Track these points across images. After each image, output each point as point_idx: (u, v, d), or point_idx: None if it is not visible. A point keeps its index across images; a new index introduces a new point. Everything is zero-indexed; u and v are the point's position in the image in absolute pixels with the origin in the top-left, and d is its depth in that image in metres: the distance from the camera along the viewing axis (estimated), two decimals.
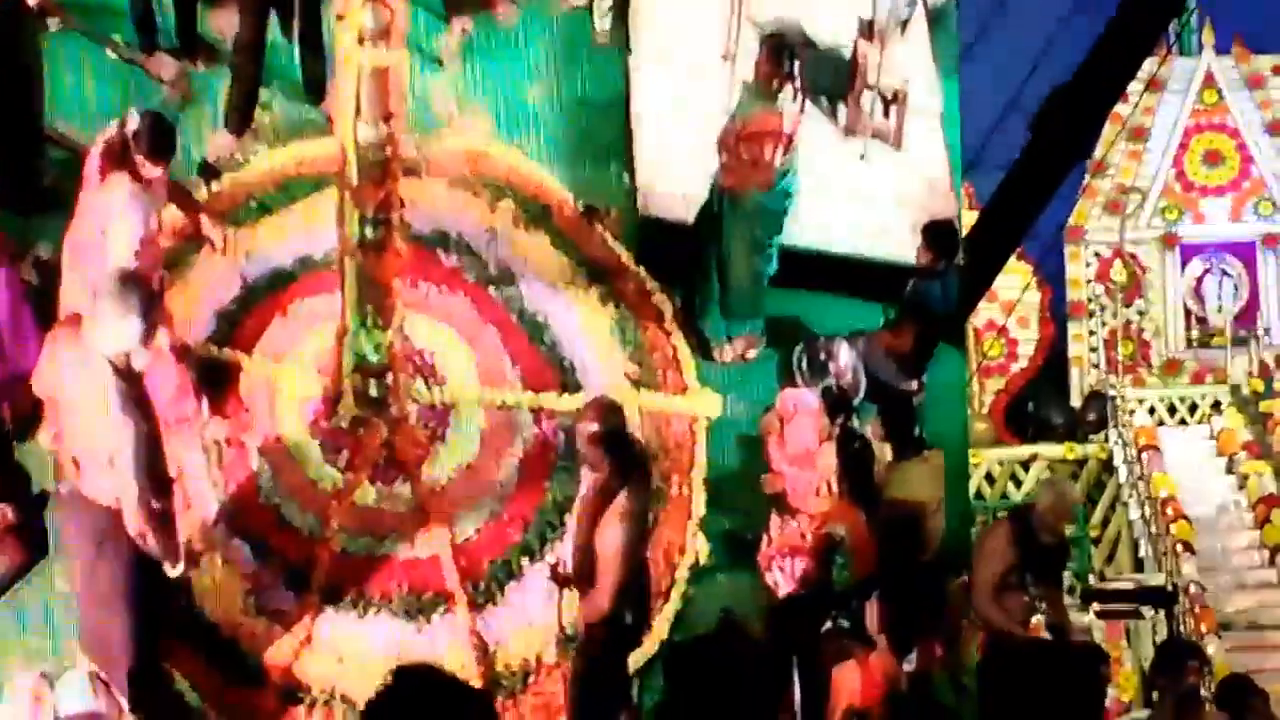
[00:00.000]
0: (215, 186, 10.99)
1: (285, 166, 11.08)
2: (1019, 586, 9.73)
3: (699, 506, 11.00)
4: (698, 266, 11.19)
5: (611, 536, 8.67)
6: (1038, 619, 9.91)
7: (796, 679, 9.51)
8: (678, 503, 10.97)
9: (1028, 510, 10.06)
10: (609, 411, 8.83)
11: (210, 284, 10.67)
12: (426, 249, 10.96)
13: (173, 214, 9.92)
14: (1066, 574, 11.58)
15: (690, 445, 11.14)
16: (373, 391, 10.34)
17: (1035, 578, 9.85)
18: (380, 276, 9.72)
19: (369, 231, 9.49)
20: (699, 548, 10.92)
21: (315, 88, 11.00)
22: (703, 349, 11.39)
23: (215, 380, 10.18)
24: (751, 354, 11.63)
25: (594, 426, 8.76)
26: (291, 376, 10.58)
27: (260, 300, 10.73)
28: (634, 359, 11.23)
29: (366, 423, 10.45)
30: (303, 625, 9.97)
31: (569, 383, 11.02)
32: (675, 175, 11.60)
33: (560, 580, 9.11)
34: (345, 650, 9.87)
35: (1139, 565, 12.97)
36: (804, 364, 11.30)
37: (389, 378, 10.28)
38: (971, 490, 11.72)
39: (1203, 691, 8.73)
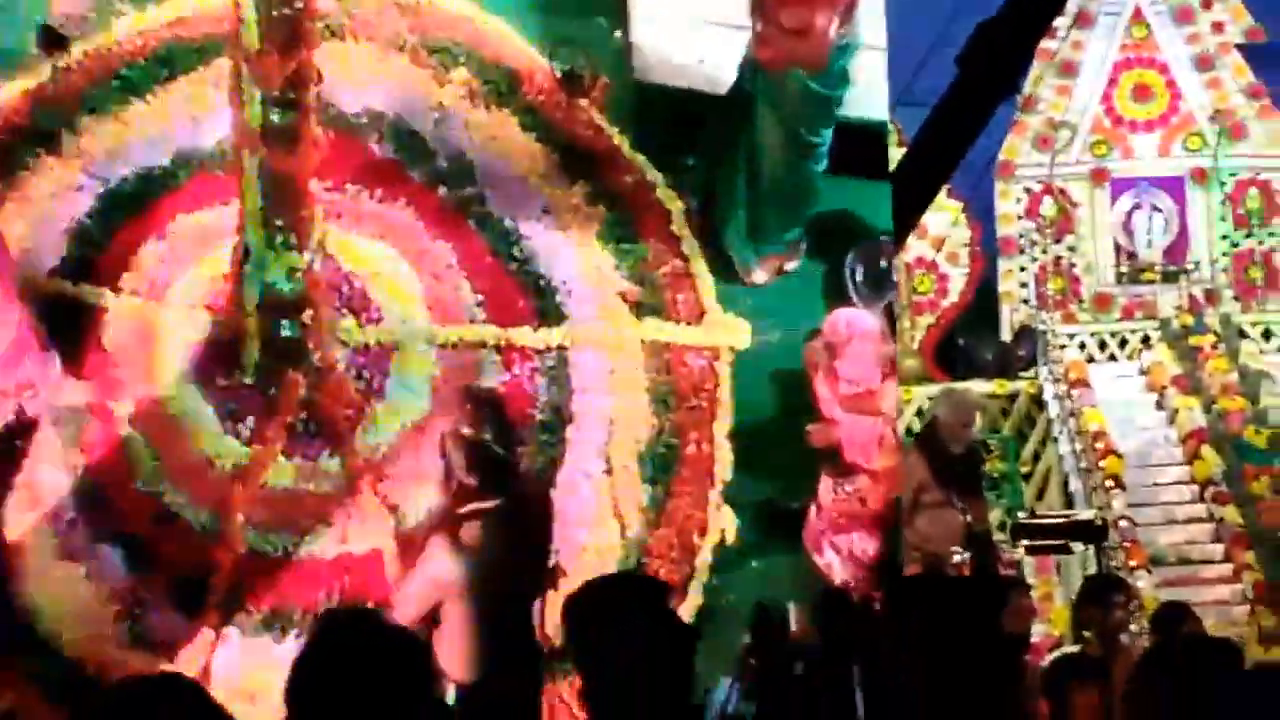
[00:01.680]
0: (62, 60, 9.49)
1: (158, 30, 9.62)
2: (943, 502, 10.01)
3: (724, 469, 9.53)
4: (719, 163, 9.72)
5: (435, 569, 8.12)
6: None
7: (860, 696, 7.93)
8: (695, 465, 9.52)
9: (931, 425, 10.45)
10: (487, 408, 8.21)
11: (56, 194, 9.35)
12: (353, 138, 9.56)
13: None
14: (997, 511, 12.28)
15: (710, 388, 9.62)
16: (284, 333, 9.05)
17: (954, 489, 10.14)
18: (291, 177, 8.65)
19: (274, 116, 8.50)
20: (725, 523, 9.53)
21: None
22: (724, 267, 9.82)
23: (68, 327, 9.05)
24: (790, 266, 10.07)
25: (464, 429, 8.17)
26: (173, 318, 9.27)
27: (127, 215, 9.37)
28: (633, 277, 9.67)
29: (277, 376, 9.14)
30: (196, 655, 8.85)
31: (548, 312, 9.61)
32: (686, 30, 10.00)
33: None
34: (257, 685, 8.66)
35: (1069, 501, 13.31)
36: (859, 274, 9.93)
37: (306, 314, 8.99)
38: (902, 426, 11.69)
39: (1132, 626, 8.94)
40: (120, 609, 8.88)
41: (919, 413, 13.03)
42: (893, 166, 9.97)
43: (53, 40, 9.60)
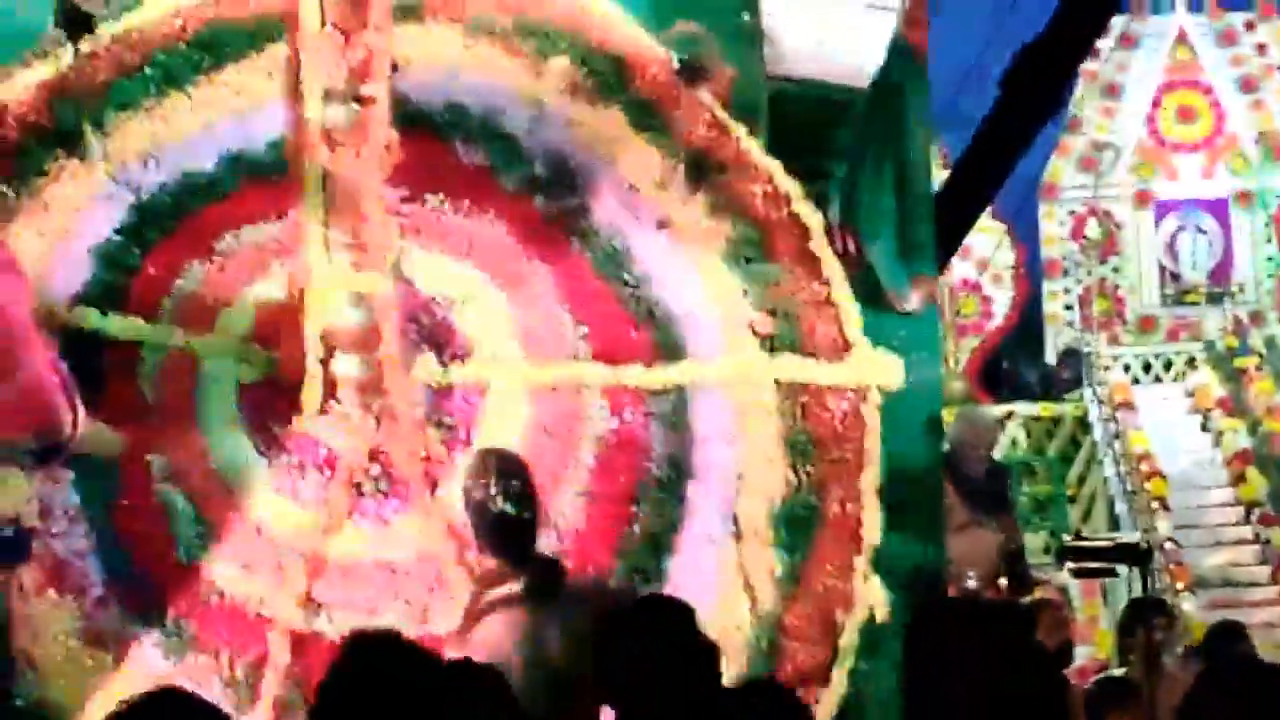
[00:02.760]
0: (86, 45, 8.62)
1: (201, 8, 8.77)
2: (970, 524, 10.19)
3: (872, 531, 8.70)
4: (863, 165, 9.09)
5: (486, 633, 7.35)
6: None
7: None
8: (838, 526, 8.68)
9: (951, 449, 10.44)
10: (508, 477, 7.63)
11: (80, 206, 8.54)
12: (433, 139, 8.75)
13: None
14: (1042, 534, 12.88)
15: (856, 436, 8.77)
16: (353, 371, 8.34)
17: (979, 510, 10.36)
18: (360, 186, 8.21)
19: (340, 112, 8.17)
20: (874, 596, 8.71)
21: None
22: (871, 292, 9.11)
23: (93, 365, 8.15)
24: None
25: (479, 489, 7.61)
26: (220, 354, 8.46)
27: (164, 231, 8.54)
28: (764, 304, 8.83)
29: (343, 423, 8.38)
30: None
31: (664, 346, 8.78)
32: (828, 9, 9.33)
33: None
34: None
35: (1115, 523, 13.85)
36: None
37: (378, 350, 8.34)
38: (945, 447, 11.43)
39: (1176, 649, 9.42)
40: None
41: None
42: (936, 189, 9.55)
43: (74, 20, 8.72)
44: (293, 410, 8.30)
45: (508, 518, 7.53)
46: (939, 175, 9.96)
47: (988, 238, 14.94)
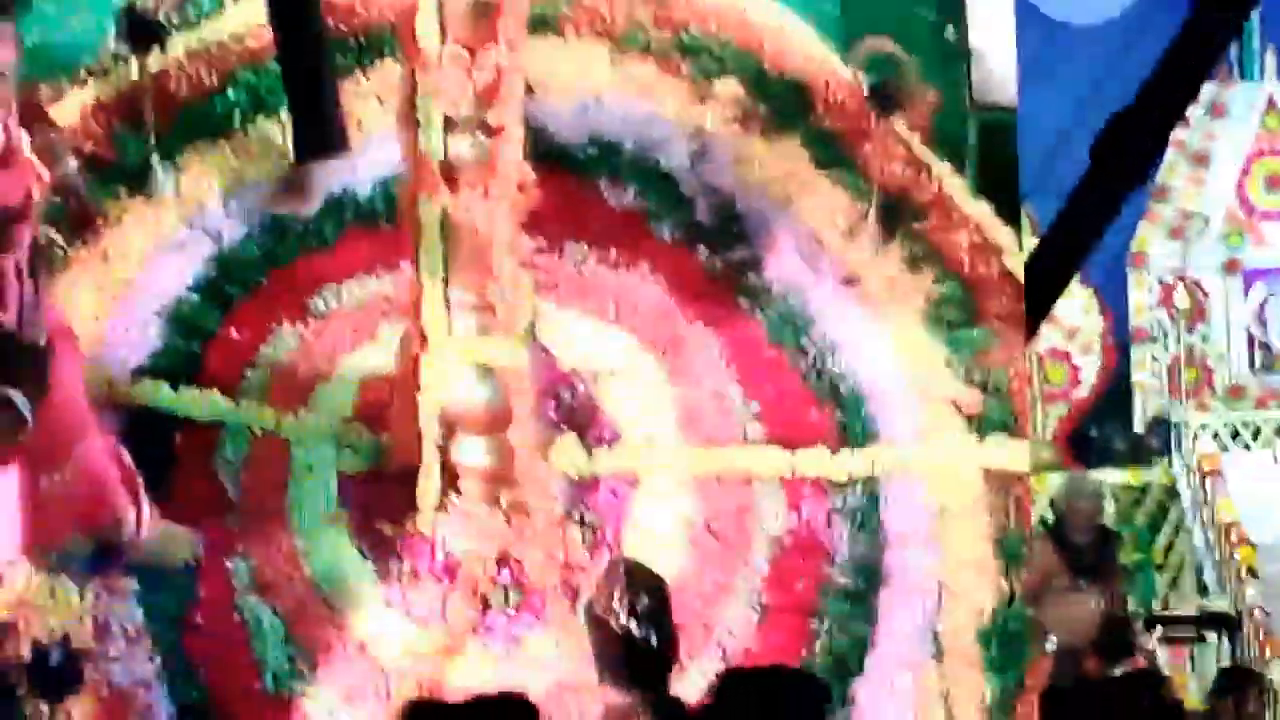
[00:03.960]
0: (154, 61, 8.00)
1: None
2: (1071, 589, 9.83)
3: None
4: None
5: None
6: None
7: None
8: None
9: (1057, 514, 11.21)
10: (643, 580, 6.24)
11: (146, 258, 7.89)
12: (576, 178, 8.23)
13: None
14: (1131, 602, 12.56)
15: None
16: (477, 459, 7.46)
17: (1083, 575, 10.23)
18: (488, 233, 7.26)
19: (463, 145, 7.17)
20: None
21: None
22: None
23: (161, 449, 7.49)
24: None
25: (603, 601, 6.16)
26: (316, 438, 7.75)
27: (248, 288, 7.96)
28: (971, 377, 8.24)
29: (466, 521, 7.52)
30: None
31: (852, 427, 8.10)
32: None
33: None
34: None
35: (1203, 591, 13.93)
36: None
37: (509, 431, 7.48)
38: (1036, 515, 11.68)
39: (1267, 717, 9.66)
40: None
41: (1052, 503, 12.59)
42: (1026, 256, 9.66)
43: (141, 30, 8.03)
44: (405, 506, 7.51)
45: (634, 641, 6.28)
46: (1029, 242, 10.13)
47: (1077, 305, 15.02)
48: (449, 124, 7.14)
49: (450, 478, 7.51)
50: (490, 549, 7.52)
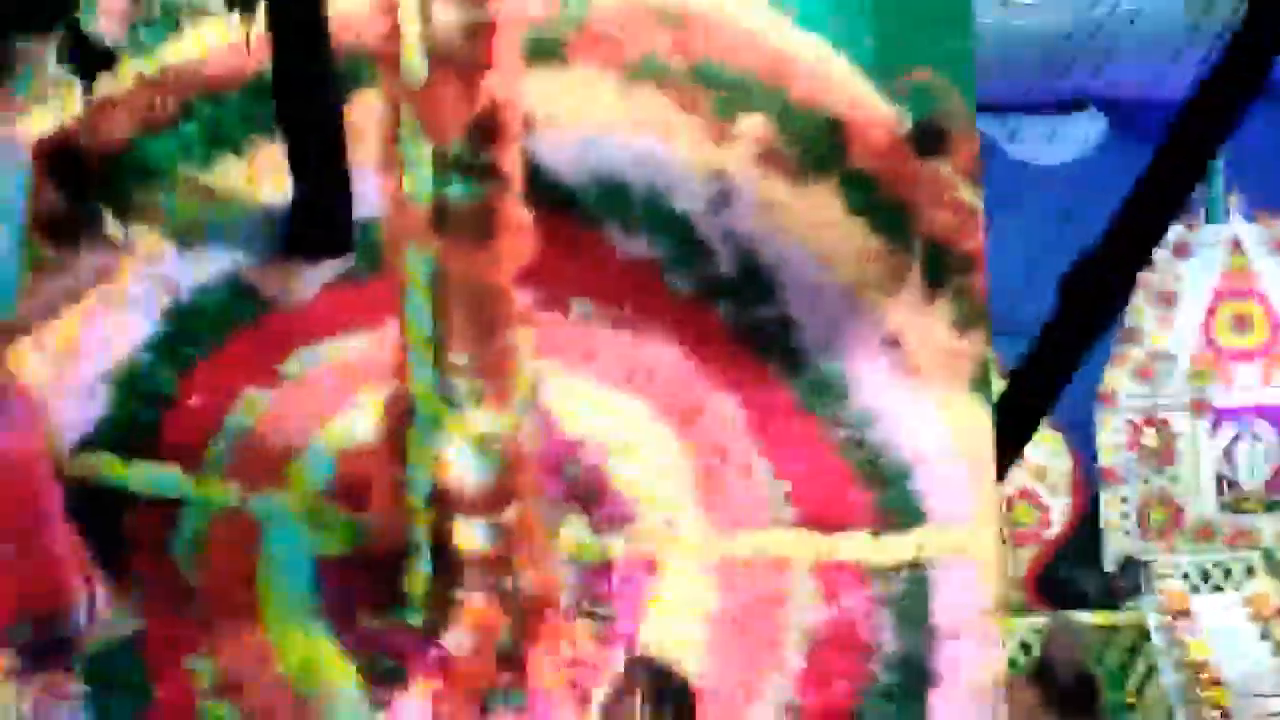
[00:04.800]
0: (103, 88, 7.17)
1: (262, 41, 7.05)
2: None
3: None
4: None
5: None
6: None
7: None
8: None
9: (1042, 655, 11.73)
10: (667, 686, 6.15)
11: (94, 313, 7.05)
12: (580, 224, 7.41)
13: None
14: None
15: None
16: (474, 543, 6.81)
17: (1066, 718, 10.89)
18: (483, 287, 6.80)
19: (455, 187, 6.74)
20: None
21: None
22: None
23: (107, 532, 6.64)
24: None
25: (621, 710, 6.09)
26: (287, 519, 6.98)
27: (210, 349, 7.16)
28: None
29: (457, 613, 6.85)
30: None
31: (896, 507, 7.46)
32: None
33: None
34: None
35: None
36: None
37: (508, 512, 6.82)
38: (1005, 658, 10.30)
39: None
40: None
41: (1023, 646, 13.86)
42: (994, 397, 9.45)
43: (87, 53, 7.17)
44: (390, 596, 6.86)
45: None
46: (996, 384, 9.66)
47: (1044, 446, 15.67)
48: (438, 162, 6.65)
49: (444, 564, 6.77)
50: (488, 645, 6.78)
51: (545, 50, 7.18)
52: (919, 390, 7.46)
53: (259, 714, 6.72)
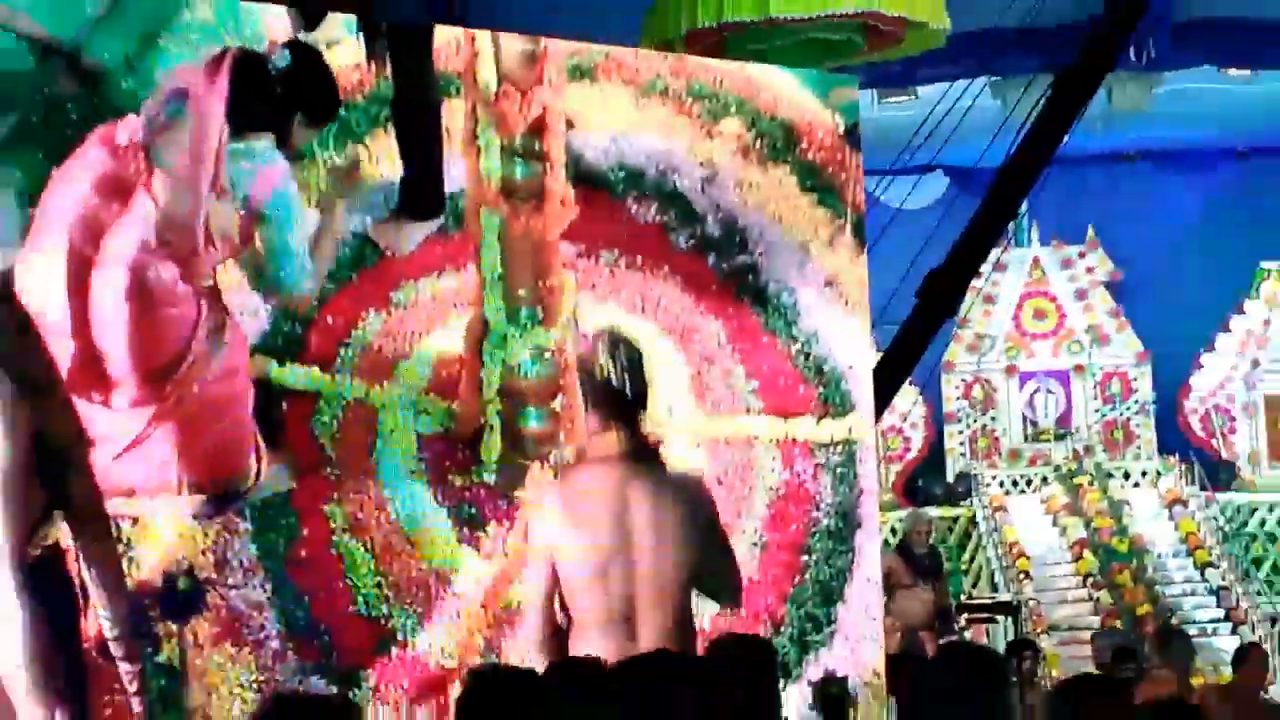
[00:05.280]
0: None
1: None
2: (913, 587, 13.55)
3: None
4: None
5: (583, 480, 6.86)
6: None
7: None
8: None
9: (902, 536, 15.11)
10: (620, 343, 6.97)
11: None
12: (607, 196, 8.48)
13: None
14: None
15: None
16: (531, 424, 7.95)
17: (921, 577, 13.83)
18: (537, 240, 7.79)
19: (516, 167, 7.70)
20: None
21: None
22: None
23: (271, 415, 7.49)
24: None
25: (591, 359, 6.92)
26: (398, 405, 7.88)
27: (342, 281, 7.85)
28: None
29: (522, 474, 7.95)
30: None
31: (832, 400, 8.72)
32: None
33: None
34: None
35: (995, 588, 19.10)
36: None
37: (556, 402, 7.92)
38: (880, 540, 13.28)
39: (1039, 671, 12.83)
40: None
41: (893, 530, 17.75)
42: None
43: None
44: (472, 462, 7.83)
45: (612, 389, 7.01)
46: (874, 359, 11.17)
47: (908, 397, 19.63)
48: (505, 150, 7.65)
49: (510, 439, 7.80)
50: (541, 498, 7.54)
51: (581, 72, 8.30)
52: (849, 317, 8.73)
53: (377, 547, 7.59)
